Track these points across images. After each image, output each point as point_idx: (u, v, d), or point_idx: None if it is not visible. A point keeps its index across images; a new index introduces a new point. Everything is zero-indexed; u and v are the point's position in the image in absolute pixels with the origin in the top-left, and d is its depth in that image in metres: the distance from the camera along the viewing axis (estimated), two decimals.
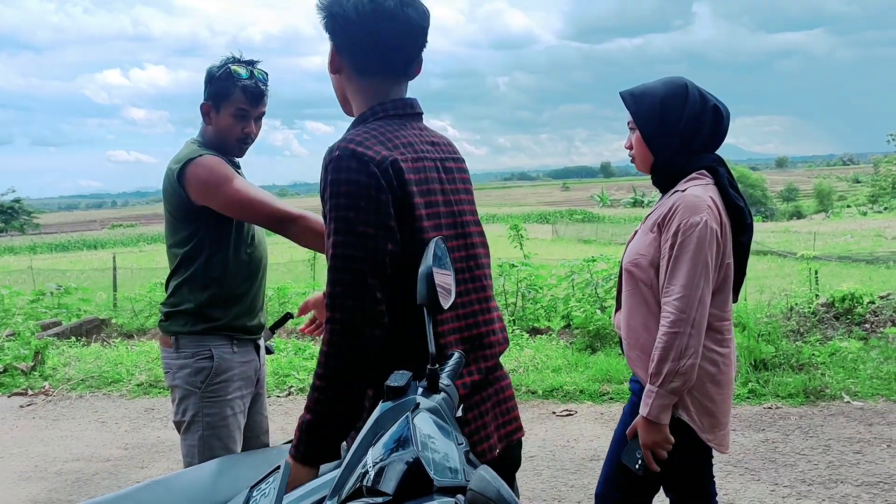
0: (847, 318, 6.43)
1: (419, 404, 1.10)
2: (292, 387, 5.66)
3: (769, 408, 4.70)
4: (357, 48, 1.57)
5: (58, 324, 8.08)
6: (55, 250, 46.53)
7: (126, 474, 4.11)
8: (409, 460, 0.95)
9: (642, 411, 1.88)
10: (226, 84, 2.26)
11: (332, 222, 1.44)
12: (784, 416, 4.55)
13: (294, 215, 2.21)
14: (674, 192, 1.94)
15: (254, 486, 1.09)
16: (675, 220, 1.86)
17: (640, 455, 1.93)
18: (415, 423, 1.02)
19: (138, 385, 5.86)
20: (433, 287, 1.26)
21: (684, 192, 1.90)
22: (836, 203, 72.03)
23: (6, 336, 6.88)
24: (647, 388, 1.88)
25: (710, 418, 1.94)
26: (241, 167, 2.45)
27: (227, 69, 2.26)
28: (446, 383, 1.23)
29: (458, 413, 1.22)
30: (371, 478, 0.94)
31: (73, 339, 7.49)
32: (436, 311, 1.29)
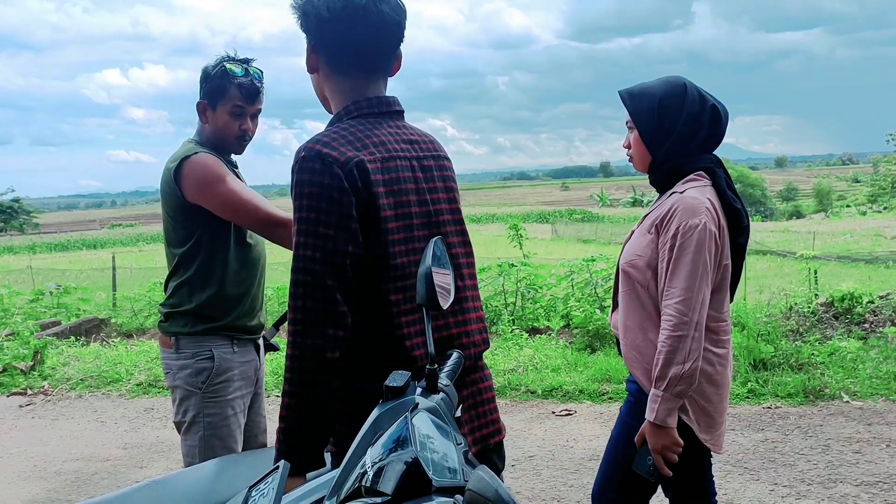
0: (846, 318, 6.43)
1: (418, 404, 1.10)
2: None
3: (768, 407, 4.70)
4: (331, 46, 1.56)
5: (57, 323, 8.08)
6: (54, 250, 46.56)
7: (125, 474, 4.11)
8: (408, 460, 0.95)
9: (649, 416, 1.86)
10: (221, 82, 2.26)
11: (296, 223, 1.44)
12: (783, 415, 4.55)
13: (284, 220, 2.19)
14: (672, 194, 1.94)
15: (252, 486, 1.09)
16: (673, 221, 1.86)
17: (650, 461, 1.91)
18: (413, 423, 1.02)
19: (138, 385, 5.86)
20: (432, 287, 1.26)
21: (682, 193, 1.90)
22: (836, 203, 72.03)
23: (5, 336, 6.88)
24: (653, 392, 1.85)
25: (706, 418, 1.95)
26: (238, 166, 2.45)
27: (221, 67, 2.27)
28: (445, 383, 1.23)
29: (458, 413, 1.22)
30: (370, 478, 0.94)
31: (73, 338, 7.49)
32: (436, 311, 1.29)
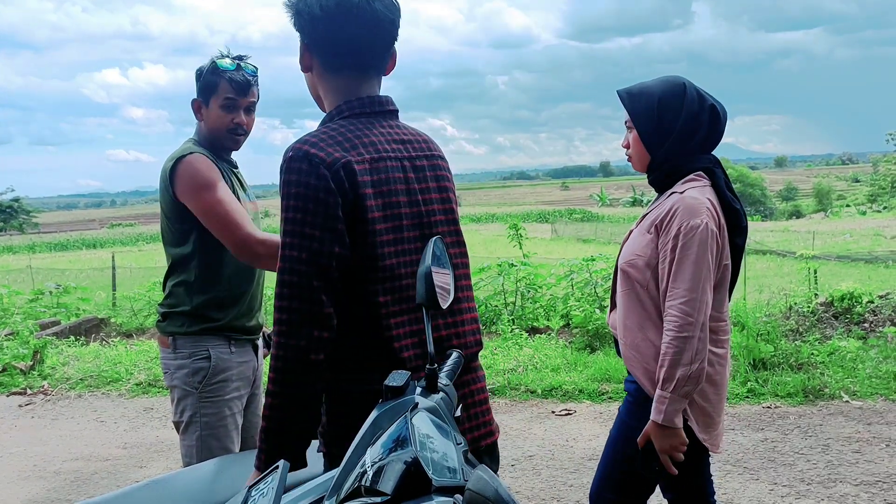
0: (846, 318, 6.42)
1: (418, 404, 1.10)
2: None
3: (768, 407, 4.70)
4: (324, 45, 1.55)
5: (57, 323, 8.08)
6: (54, 249, 46.55)
7: (125, 474, 4.11)
8: (408, 460, 0.95)
9: (655, 418, 1.85)
10: (212, 77, 2.28)
11: (283, 223, 1.44)
12: (783, 415, 4.56)
13: (262, 240, 2.11)
14: (671, 194, 1.94)
15: (252, 486, 1.09)
16: (674, 222, 1.86)
17: (656, 463, 1.90)
18: (413, 422, 1.02)
19: (137, 384, 5.86)
20: (432, 287, 1.26)
21: (682, 193, 1.90)
22: (836, 202, 72.00)
23: (5, 335, 6.88)
24: (659, 393, 1.85)
25: (705, 418, 1.95)
26: (238, 166, 2.44)
27: (212, 63, 2.28)
28: (445, 383, 1.23)
29: (458, 413, 1.22)
30: (369, 477, 0.94)
31: (72, 338, 7.49)
32: (435, 311, 1.29)
